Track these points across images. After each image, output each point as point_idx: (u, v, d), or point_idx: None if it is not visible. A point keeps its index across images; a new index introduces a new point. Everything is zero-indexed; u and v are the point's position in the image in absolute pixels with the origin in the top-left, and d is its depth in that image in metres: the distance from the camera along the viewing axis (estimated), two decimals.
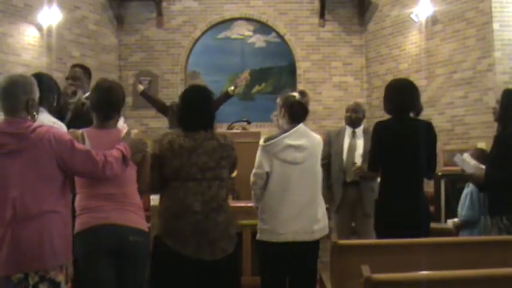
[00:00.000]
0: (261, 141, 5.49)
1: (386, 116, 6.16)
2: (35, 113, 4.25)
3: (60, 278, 4.11)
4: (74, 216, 4.52)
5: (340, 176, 7.65)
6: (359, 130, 7.75)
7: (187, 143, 5.00)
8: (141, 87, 9.85)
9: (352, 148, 7.68)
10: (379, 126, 6.21)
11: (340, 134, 7.83)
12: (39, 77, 6.01)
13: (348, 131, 7.80)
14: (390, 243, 5.21)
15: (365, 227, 7.47)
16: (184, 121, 5.18)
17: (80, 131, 4.69)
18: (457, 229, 7.57)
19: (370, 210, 7.42)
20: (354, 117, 7.82)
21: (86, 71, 7.36)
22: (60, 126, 5.75)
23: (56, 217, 4.09)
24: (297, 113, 5.52)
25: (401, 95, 6.06)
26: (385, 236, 5.60)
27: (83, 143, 4.53)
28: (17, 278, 4.00)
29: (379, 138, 6.09)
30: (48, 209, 4.05)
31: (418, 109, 6.09)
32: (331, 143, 7.80)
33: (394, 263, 4.53)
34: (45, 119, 5.72)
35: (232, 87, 9.58)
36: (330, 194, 7.70)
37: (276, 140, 5.40)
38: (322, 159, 7.61)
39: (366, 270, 3.87)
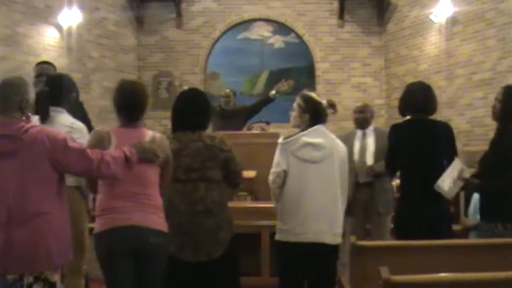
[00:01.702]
0: (279, 140, 5.48)
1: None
2: (29, 114, 4.26)
3: (56, 277, 4.11)
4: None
5: (351, 177, 7.62)
6: (369, 130, 7.73)
7: (174, 145, 5.03)
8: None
9: (362, 149, 7.65)
10: (396, 128, 6.20)
11: (349, 136, 7.80)
12: (59, 77, 6.05)
13: (358, 132, 7.78)
14: (409, 245, 5.20)
15: (379, 228, 7.46)
16: (173, 123, 5.29)
17: (107, 129, 4.73)
18: (466, 231, 7.56)
19: (383, 210, 7.42)
20: (361, 118, 7.79)
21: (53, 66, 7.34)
22: (79, 127, 5.78)
23: (52, 218, 4.07)
24: (319, 118, 5.48)
25: (418, 97, 6.05)
26: (406, 239, 5.58)
27: (109, 141, 4.56)
28: (12, 278, 4.00)
29: (396, 140, 6.08)
30: (43, 210, 4.04)
31: (433, 111, 6.08)
32: None
33: (413, 264, 4.52)
34: (64, 119, 5.75)
35: (273, 92, 9.79)
36: None
37: (293, 138, 5.38)
38: None
39: (385, 272, 3.86)
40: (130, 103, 4.73)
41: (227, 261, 5.12)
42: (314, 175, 5.33)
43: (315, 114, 5.44)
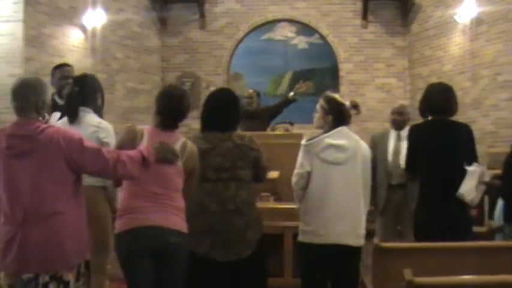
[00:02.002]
0: (303, 141, 5.47)
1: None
2: (46, 114, 4.29)
3: (70, 277, 4.12)
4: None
5: (385, 178, 7.59)
6: (404, 132, 7.67)
7: (203, 145, 5.06)
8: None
9: (397, 150, 7.62)
10: (415, 129, 6.19)
11: (385, 137, 7.77)
12: (84, 78, 6.09)
13: (393, 133, 7.73)
14: (433, 247, 5.18)
15: (409, 228, 7.42)
16: (203, 123, 5.30)
17: (140, 127, 4.77)
18: (492, 233, 7.51)
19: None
20: (399, 120, 7.75)
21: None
22: (106, 126, 5.82)
23: (67, 218, 4.10)
24: (342, 120, 5.47)
25: (438, 98, 6.03)
26: (425, 240, 5.56)
27: (141, 139, 4.60)
28: (27, 277, 4.03)
29: (415, 140, 6.07)
30: (59, 210, 4.07)
31: (453, 112, 6.05)
32: (376, 146, 7.75)
33: (436, 266, 4.51)
34: (91, 119, 5.78)
35: (292, 93, 9.93)
36: (374, 196, 7.66)
37: (317, 139, 5.37)
38: None
39: (408, 274, 3.86)
40: (174, 108, 4.83)
41: (256, 261, 5.13)
42: (337, 177, 5.32)
43: (338, 115, 5.43)
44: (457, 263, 4.73)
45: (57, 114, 6.25)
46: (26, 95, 4.16)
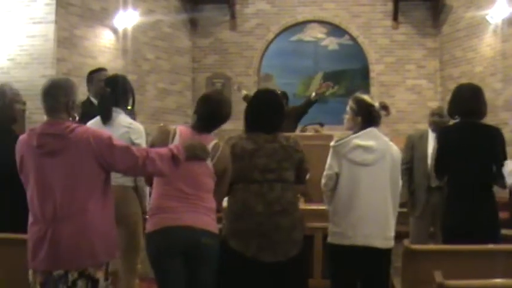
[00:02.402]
0: (332, 143, 5.46)
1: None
2: (75, 115, 4.32)
3: (99, 274, 4.15)
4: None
5: (424, 181, 7.51)
6: None
7: (249, 146, 5.03)
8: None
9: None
10: (445, 131, 6.15)
11: (423, 138, 7.69)
12: (115, 79, 6.15)
13: (432, 135, 7.62)
14: (464, 249, 5.14)
15: None
16: (247, 123, 5.26)
17: (173, 127, 4.82)
18: None
19: None
20: (439, 122, 7.65)
21: None
22: (137, 127, 5.86)
23: (96, 216, 4.13)
24: (372, 121, 5.45)
25: (468, 99, 5.98)
26: (453, 242, 5.53)
27: (174, 138, 4.63)
28: (57, 274, 4.07)
29: (445, 142, 6.03)
30: (88, 208, 4.10)
31: (483, 114, 6.00)
32: (414, 147, 7.69)
33: (467, 269, 4.47)
34: (122, 120, 5.83)
35: (314, 94, 10.05)
36: (412, 199, 7.61)
37: (345, 140, 5.36)
38: (405, 163, 7.46)
39: (438, 276, 3.84)
40: (213, 113, 4.86)
41: (300, 260, 5.13)
42: (366, 178, 5.30)
43: (367, 116, 5.40)
44: (487, 266, 4.70)
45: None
46: (56, 95, 4.20)
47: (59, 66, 12.41)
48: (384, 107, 5.54)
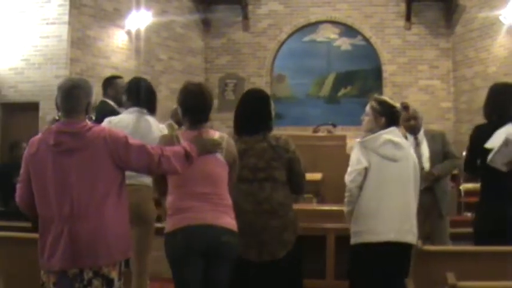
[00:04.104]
0: (358, 139, 5.40)
1: (475, 120, 6.03)
2: (92, 116, 4.35)
3: (114, 274, 4.16)
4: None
5: None
6: (420, 135, 7.59)
7: (238, 147, 5.02)
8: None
9: (418, 156, 7.53)
10: (479, 130, 6.07)
11: None
12: (138, 81, 6.24)
13: (410, 139, 7.64)
14: (476, 251, 5.14)
15: (439, 231, 7.35)
16: (237, 125, 5.29)
17: (174, 133, 4.82)
18: None
19: (446, 211, 7.33)
20: (416, 124, 7.63)
21: None
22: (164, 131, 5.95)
23: (111, 215, 4.15)
24: (395, 121, 5.43)
25: (505, 100, 5.91)
26: (488, 242, 5.46)
27: (179, 143, 4.64)
28: (72, 273, 4.09)
29: (477, 140, 5.95)
30: (104, 207, 4.12)
31: None
32: None
33: (480, 270, 4.47)
34: (154, 123, 5.95)
35: None
36: None
37: (374, 136, 5.31)
38: None
39: (451, 278, 3.84)
40: (194, 105, 4.79)
41: (290, 261, 5.12)
42: (394, 173, 5.26)
43: (391, 117, 5.39)
44: (500, 267, 4.69)
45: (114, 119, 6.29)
46: (78, 96, 4.23)
47: (72, 66, 12.47)
48: (405, 107, 5.52)
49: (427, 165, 7.40)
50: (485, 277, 4.03)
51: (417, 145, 7.51)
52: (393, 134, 5.34)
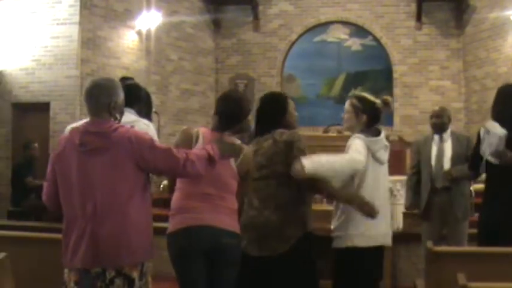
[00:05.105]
0: (357, 135, 5.29)
1: (486, 121, 6.01)
2: (117, 115, 4.35)
3: (135, 274, 4.17)
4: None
5: (428, 182, 7.54)
6: (446, 135, 7.60)
7: (252, 147, 5.09)
8: None
9: (440, 154, 7.55)
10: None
11: (427, 141, 7.72)
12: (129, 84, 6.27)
13: (435, 137, 7.67)
14: (488, 252, 5.13)
15: (456, 234, 7.36)
16: (255, 127, 5.33)
17: (196, 129, 4.83)
18: None
19: (462, 215, 7.32)
20: (439, 123, 7.66)
21: None
22: (141, 126, 5.93)
23: (134, 216, 4.15)
24: (377, 118, 5.40)
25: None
26: (495, 243, 5.44)
27: (197, 141, 4.65)
28: (95, 272, 4.10)
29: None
30: (127, 207, 4.13)
31: None
32: (419, 151, 7.72)
33: (491, 272, 4.46)
34: (127, 117, 6.01)
35: None
36: (418, 200, 7.64)
37: (377, 138, 5.26)
38: (412, 167, 7.63)
39: (461, 279, 3.83)
40: (235, 112, 4.84)
41: (293, 257, 5.08)
42: (382, 175, 5.29)
43: (372, 114, 5.35)
44: (511, 269, 4.67)
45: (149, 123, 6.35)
46: (98, 96, 4.24)
47: (82, 67, 12.51)
48: (386, 103, 5.45)
49: (447, 165, 7.41)
50: (496, 278, 4.02)
51: (441, 144, 7.53)
52: (384, 135, 5.32)
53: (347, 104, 5.45)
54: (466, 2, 15.20)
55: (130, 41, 13.88)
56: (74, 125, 4.59)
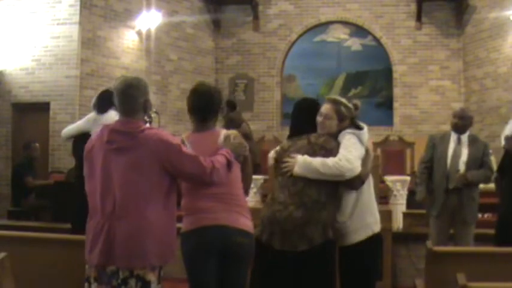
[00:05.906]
0: (349, 131, 5.28)
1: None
2: (151, 113, 4.36)
3: (150, 277, 4.15)
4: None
5: (443, 182, 7.45)
6: (464, 137, 7.53)
7: (285, 144, 5.25)
8: None
9: (456, 154, 7.48)
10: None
11: (445, 139, 7.64)
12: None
13: (453, 136, 7.58)
14: (487, 251, 5.13)
15: (463, 236, 7.33)
16: (292, 127, 5.43)
17: (181, 137, 4.81)
18: None
19: (469, 218, 7.29)
20: (460, 124, 7.59)
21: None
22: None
23: (154, 220, 4.15)
24: (355, 121, 5.40)
25: None
26: (506, 245, 5.43)
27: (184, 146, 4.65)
28: (110, 270, 4.12)
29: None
30: (147, 210, 4.13)
31: None
32: (435, 146, 7.64)
33: (491, 272, 4.46)
34: (113, 114, 6.03)
35: None
36: (431, 199, 7.57)
37: (364, 131, 5.23)
38: (425, 162, 7.51)
39: (461, 279, 3.83)
40: (199, 104, 4.79)
41: (314, 258, 5.07)
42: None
43: (352, 118, 5.36)
44: (511, 269, 4.67)
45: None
46: (134, 96, 4.25)
47: (82, 66, 12.52)
48: (357, 108, 5.44)
49: (462, 167, 7.37)
50: (497, 278, 4.02)
51: (459, 145, 7.49)
52: None
53: (327, 109, 5.30)
54: (466, 2, 15.19)
55: (130, 41, 13.89)
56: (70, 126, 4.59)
